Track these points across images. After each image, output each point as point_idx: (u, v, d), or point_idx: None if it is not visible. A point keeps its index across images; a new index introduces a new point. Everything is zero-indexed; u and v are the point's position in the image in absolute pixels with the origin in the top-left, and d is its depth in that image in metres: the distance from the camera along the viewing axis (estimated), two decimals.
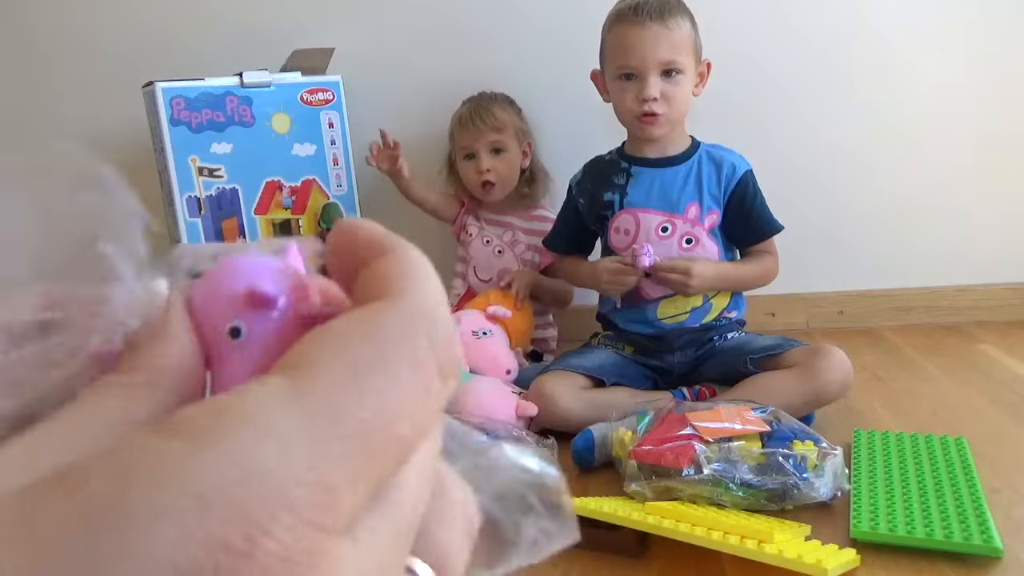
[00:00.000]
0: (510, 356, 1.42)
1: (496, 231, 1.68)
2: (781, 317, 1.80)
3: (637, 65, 1.33)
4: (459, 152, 1.65)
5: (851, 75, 1.73)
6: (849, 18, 1.71)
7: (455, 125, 1.65)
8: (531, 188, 1.68)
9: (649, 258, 1.31)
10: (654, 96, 1.32)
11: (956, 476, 1.00)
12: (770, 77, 1.73)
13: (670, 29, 1.32)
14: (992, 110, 1.71)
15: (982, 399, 1.32)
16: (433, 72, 1.78)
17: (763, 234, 1.41)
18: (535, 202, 1.69)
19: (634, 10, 1.32)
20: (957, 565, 0.84)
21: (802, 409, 1.20)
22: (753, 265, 1.41)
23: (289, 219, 1.65)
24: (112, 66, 1.79)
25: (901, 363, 1.53)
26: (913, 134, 1.74)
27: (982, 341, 1.63)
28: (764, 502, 0.96)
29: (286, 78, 1.62)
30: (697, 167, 1.40)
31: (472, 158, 1.62)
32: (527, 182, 1.67)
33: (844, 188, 1.77)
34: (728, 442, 1.01)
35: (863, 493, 0.97)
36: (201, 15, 1.79)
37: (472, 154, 1.62)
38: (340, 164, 1.68)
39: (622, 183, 1.42)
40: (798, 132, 1.75)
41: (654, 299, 1.39)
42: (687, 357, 1.39)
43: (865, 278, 1.80)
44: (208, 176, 1.57)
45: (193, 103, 1.53)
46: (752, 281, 1.42)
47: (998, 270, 1.76)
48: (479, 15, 1.76)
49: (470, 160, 1.63)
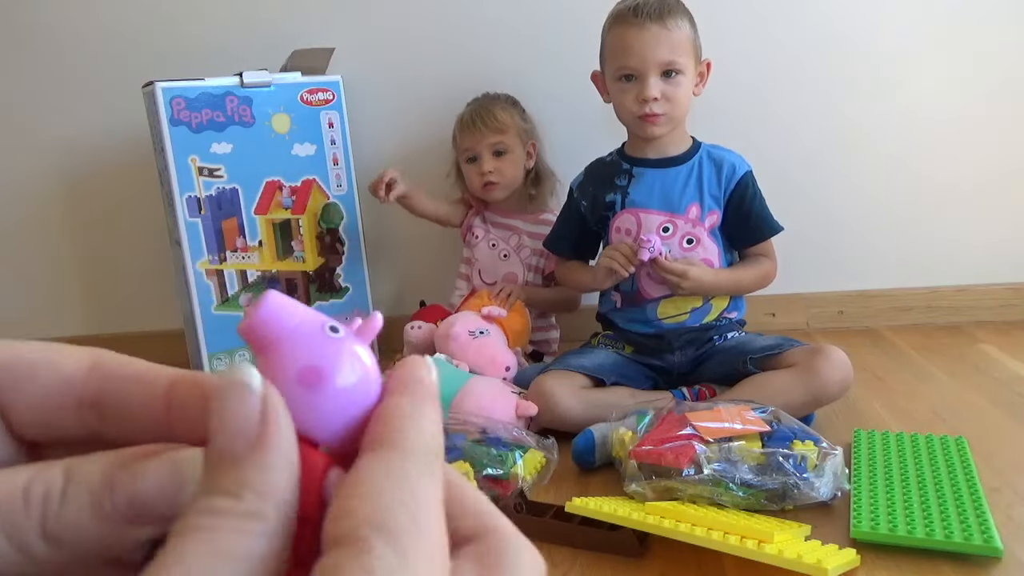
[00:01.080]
0: (508, 354, 1.42)
1: (502, 234, 1.68)
2: (781, 317, 1.80)
3: (637, 66, 1.33)
4: (462, 154, 1.64)
5: (851, 74, 1.72)
6: (856, 12, 1.71)
7: (457, 127, 1.65)
8: (537, 189, 1.68)
9: (649, 253, 1.31)
10: (654, 96, 1.32)
11: (956, 476, 1.00)
12: (770, 75, 1.73)
13: (669, 30, 1.32)
14: (992, 110, 1.71)
15: (982, 399, 1.32)
16: (433, 72, 1.78)
17: (761, 235, 1.41)
18: (542, 203, 1.69)
19: (633, 11, 1.33)
20: (957, 565, 0.84)
21: (802, 409, 1.20)
22: (751, 270, 1.41)
23: (289, 219, 1.66)
24: (112, 66, 1.79)
25: (901, 363, 1.53)
26: (913, 134, 1.74)
27: (982, 341, 1.63)
28: (764, 502, 0.96)
29: (286, 78, 1.62)
30: (698, 167, 1.40)
31: (474, 160, 1.62)
32: (533, 183, 1.67)
33: (845, 188, 1.77)
34: (728, 442, 1.01)
35: (863, 493, 0.97)
36: (201, 15, 1.79)
37: (475, 156, 1.62)
38: (340, 164, 1.68)
39: (623, 184, 1.42)
40: (798, 132, 1.75)
41: (654, 298, 1.39)
42: (687, 357, 1.39)
43: (865, 278, 1.80)
44: (208, 176, 1.57)
45: (193, 103, 1.54)
46: (750, 286, 1.42)
47: (998, 270, 1.76)
48: (479, 15, 1.76)
49: (473, 162, 1.62)
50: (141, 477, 0.17)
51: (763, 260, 1.42)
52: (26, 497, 0.16)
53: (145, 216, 1.79)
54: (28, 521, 0.16)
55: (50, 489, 0.16)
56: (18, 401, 0.19)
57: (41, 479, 0.17)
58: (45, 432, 0.20)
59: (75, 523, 0.16)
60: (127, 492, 0.16)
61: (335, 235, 1.70)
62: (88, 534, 0.16)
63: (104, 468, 0.17)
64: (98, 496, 0.16)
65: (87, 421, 0.20)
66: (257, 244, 1.63)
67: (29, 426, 0.20)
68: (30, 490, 0.16)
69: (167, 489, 0.16)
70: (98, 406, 0.19)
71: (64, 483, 0.16)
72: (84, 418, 0.20)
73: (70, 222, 1.90)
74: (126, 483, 0.16)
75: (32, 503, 0.16)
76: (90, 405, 0.20)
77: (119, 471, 0.17)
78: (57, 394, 0.19)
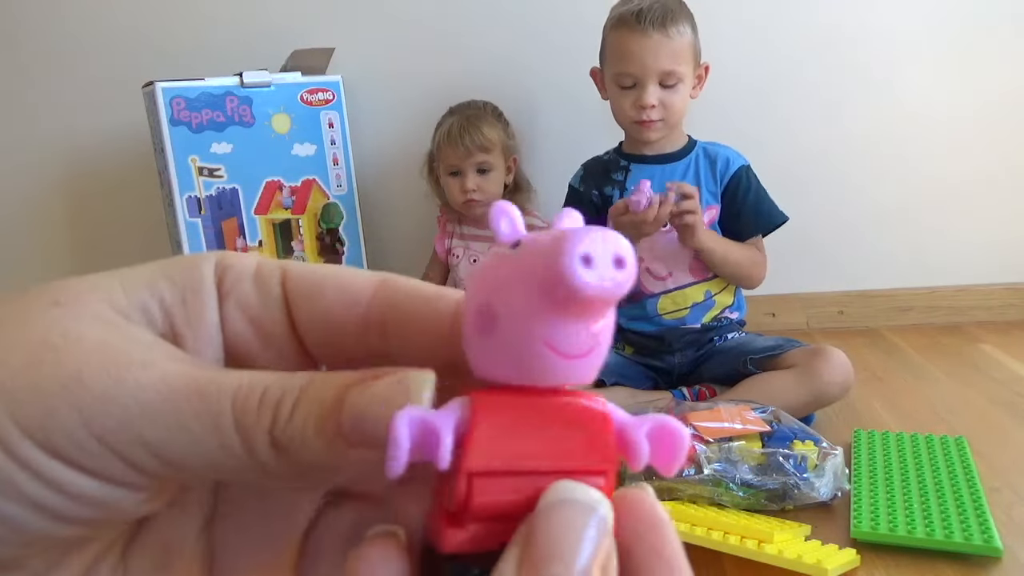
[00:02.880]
0: None
1: (482, 246, 1.66)
2: (781, 317, 1.80)
3: (636, 73, 1.33)
4: (444, 167, 1.60)
5: (851, 74, 1.72)
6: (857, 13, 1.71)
7: (442, 137, 1.60)
8: (513, 199, 1.66)
9: (647, 197, 1.23)
10: (652, 103, 1.32)
11: (956, 476, 1.00)
12: (770, 75, 1.73)
13: (671, 38, 1.31)
14: (993, 110, 1.71)
15: (982, 399, 1.32)
16: (434, 72, 1.78)
17: (749, 231, 1.40)
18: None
19: (636, 17, 1.32)
20: (957, 565, 0.84)
21: (802, 410, 1.20)
22: (742, 249, 1.38)
23: (289, 219, 1.66)
24: (112, 66, 1.79)
25: (901, 363, 1.53)
26: (913, 134, 1.74)
27: (982, 341, 1.63)
28: (764, 502, 0.96)
29: (286, 78, 1.62)
30: (695, 164, 1.41)
31: (457, 175, 1.58)
32: (509, 195, 1.64)
33: (844, 188, 1.77)
34: (728, 442, 1.01)
35: (863, 493, 0.97)
36: (201, 15, 1.79)
37: (458, 171, 1.58)
38: (340, 164, 1.68)
39: (621, 179, 1.43)
40: (798, 132, 1.75)
41: (654, 294, 1.39)
42: (687, 357, 1.39)
43: (865, 278, 1.80)
44: (208, 176, 1.57)
45: (193, 103, 1.53)
46: (741, 260, 1.37)
47: (998, 270, 1.76)
48: (479, 15, 1.76)
49: (455, 176, 1.59)
50: (369, 395, 0.16)
51: (753, 250, 1.42)
52: (262, 399, 0.16)
53: (145, 216, 1.79)
54: (258, 423, 0.16)
55: (284, 396, 0.17)
56: (304, 314, 0.20)
57: (280, 385, 0.17)
58: (325, 350, 0.20)
59: (300, 435, 0.16)
60: (353, 410, 0.16)
61: (335, 235, 1.70)
62: (310, 449, 0.16)
63: (339, 386, 0.17)
64: (327, 412, 0.16)
65: (368, 340, 0.20)
66: (257, 244, 1.63)
67: (311, 343, 0.20)
68: (267, 393, 0.17)
69: (392, 407, 0.16)
70: (382, 324, 0.19)
71: (299, 394, 0.17)
72: (366, 337, 0.20)
73: (70, 222, 1.90)
74: (354, 400, 0.16)
75: (265, 405, 0.16)
76: (375, 323, 0.20)
77: (350, 389, 0.17)
78: (342, 310, 0.19)
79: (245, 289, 0.19)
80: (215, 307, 0.19)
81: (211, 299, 0.19)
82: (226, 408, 0.16)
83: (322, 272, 0.20)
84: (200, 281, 0.19)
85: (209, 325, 0.19)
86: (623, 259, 0.15)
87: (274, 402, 0.16)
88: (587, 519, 0.15)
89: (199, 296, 0.19)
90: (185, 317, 0.19)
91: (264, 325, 0.19)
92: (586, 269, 0.15)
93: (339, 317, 0.20)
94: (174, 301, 0.19)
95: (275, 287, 0.20)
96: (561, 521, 0.15)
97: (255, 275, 0.20)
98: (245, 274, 0.19)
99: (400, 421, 0.15)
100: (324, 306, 0.19)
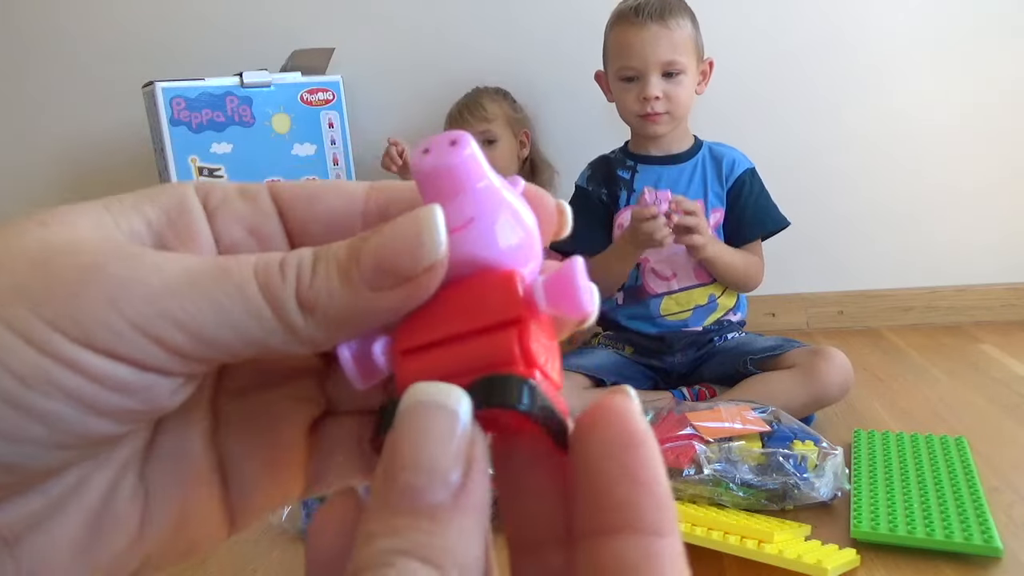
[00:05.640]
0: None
1: None
2: (781, 317, 1.80)
3: (638, 65, 1.33)
4: None
5: (851, 75, 1.73)
6: (858, 13, 1.71)
7: (447, 124, 1.64)
8: (533, 180, 1.67)
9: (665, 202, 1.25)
10: (655, 95, 1.32)
11: (956, 476, 1.00)
12: (770, 75, 1.74)
13: (671, 29, 1.32)
14: (993, 110, 1.71)
15: (982, 399, 1.32)
16: (434, 72, 1.78)
17: (751, 235, 1.40)
18: None
19: (634, 11, 1.33)
20: (957, 565, 0.84)
21: (802, 411, 1.20)
22: (743, 255, 1.38)
23: None
24: (112, 66, 1.79)
25: (901, 363, 1.53)
26: (913, 134, 1.74)
27: (982, 341, 1.63)
28: (764, 502, 0.96)
29: (286, 78, 1.62)
30: (701, 165, 1.41)
31: None
32: (529, 174, 1.66)
33: (844, 188, 1.77)
34: (728, 442, 1.01)
35: (863, 493, 0.97)
36: (201, 15, 1.79)
37: None
38: (340, 164, 1.68)
39: (627, 177, 1.42)
40: (799, 132, 1.75)
41: (657, 294, 1.39)
42: (687, 358, 1.39)
43: (865, 278, 1.80)
44: (208, 176, 1.57)
45: (193, 103, 1.54)
46: (739, 267, 1.36)
47: (998, 270, 1.76)
48: (479, 15, 1.76)
49: None
50: (380, 234, 0.17)
51: (753, 256, 1.41)
52: (282, 267, 0.17)
53: None
54: (284, 289, 0.17)
55: (302, 261, 0.17)
56: (303, 216, 0.20)
57: (294, 254, 0.17)
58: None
59: (326, 289, 0.17)
60: (371, 255, 0.17)
61: None
62: (337, 301, 0.17)
63: (349, 243, 0.17)
64: (345, 265, 0.17)
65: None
66: None
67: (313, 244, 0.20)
68: (286, 261, 0.17)
69: (408, 240, 0.17)
70: (382, 217, 0.20)
71: (314, 258, 0.17)
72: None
73: None
74: (369, 245, 0.17)
75: (287, 272, 0.17)
76: (373, 218, 0.20)
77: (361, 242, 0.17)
78: (343, 210, 0.20)
79: (235, 205, 0.20)
80: (205, 224, 0.19)
81: (200, 217, 0.19)
82: (249, 277, 0.17)
83: (312, 183, 0.21)
84: (184, 201, 0.19)
85: (202, 240, 0.19)
86: (456, 140, 0.18)
87: (294, 266, 0.17)
88: (440, 420, 0.15)
89: (186, 215, 0.19)
90: (176, 235, 0.19)
91: (263, 233, 0.20)
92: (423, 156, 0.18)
93: (341, 215, 0.20)
94: (161, 222, 0.19)
95: (265, 200, 0.20)
96: (412, 426, 0.15)
97: (240, 192, 0.20)
98: (230, 192, 0.20)
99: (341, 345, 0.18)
100: (325, 207, 0.20)
